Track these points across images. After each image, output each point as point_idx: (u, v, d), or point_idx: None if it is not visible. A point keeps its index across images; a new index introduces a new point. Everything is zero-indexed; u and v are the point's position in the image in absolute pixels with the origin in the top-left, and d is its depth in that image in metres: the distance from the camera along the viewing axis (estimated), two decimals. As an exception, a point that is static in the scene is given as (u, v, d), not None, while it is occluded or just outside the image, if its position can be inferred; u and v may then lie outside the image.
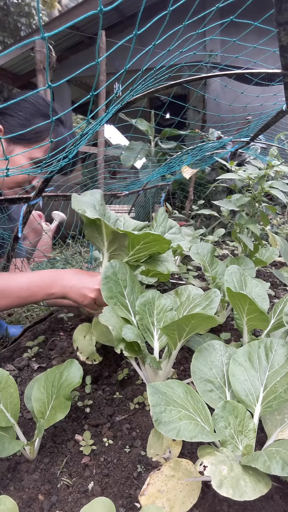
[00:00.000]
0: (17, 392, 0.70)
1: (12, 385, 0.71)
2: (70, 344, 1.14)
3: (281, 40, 0.55)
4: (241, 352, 0.73)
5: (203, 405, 0.64)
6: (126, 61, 0.58)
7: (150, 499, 0.57)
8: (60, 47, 6.39)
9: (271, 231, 2.08)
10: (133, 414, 0.82)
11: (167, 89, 0.75)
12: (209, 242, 2.07)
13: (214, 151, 1.99)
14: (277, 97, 1.14)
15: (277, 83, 0.89)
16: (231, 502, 0.59)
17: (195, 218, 3.23)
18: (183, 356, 1.05)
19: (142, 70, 0.68)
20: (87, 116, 0.67)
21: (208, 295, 0.83)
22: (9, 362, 1.06)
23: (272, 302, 1.48)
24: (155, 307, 0.87)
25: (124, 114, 3.16)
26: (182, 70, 3.85)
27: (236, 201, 1.51)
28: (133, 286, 0.87)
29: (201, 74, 0.75)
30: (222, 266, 1.32)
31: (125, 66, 0.60)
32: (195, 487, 0.57)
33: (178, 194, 3.89)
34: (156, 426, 0.54)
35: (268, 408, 0.64)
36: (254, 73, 0.72)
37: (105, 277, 0.81)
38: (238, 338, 1.14)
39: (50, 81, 0.52)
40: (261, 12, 0.68)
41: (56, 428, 0.78)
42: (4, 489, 0.64)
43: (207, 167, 3.45)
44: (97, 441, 0.74)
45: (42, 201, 1.03)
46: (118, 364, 1.03)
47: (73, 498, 0.62)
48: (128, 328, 0.73)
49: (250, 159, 1.93)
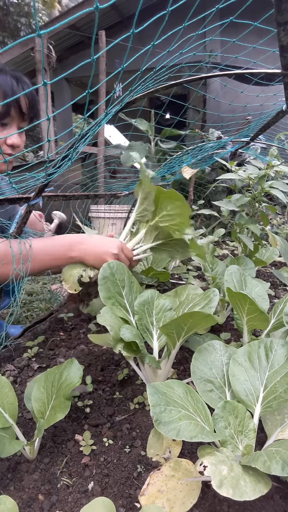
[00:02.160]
0: (13, 391, 0.70)
1: (6, 385, 0.71)
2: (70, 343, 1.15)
3: (281, 40, 0.55)
4: (241, 352, 0.73)
5: (203, 405, 0.64)
6: (127, 61, 0.58)
7: (150, 499, 0.57)
8: (60, 47, 6.40)
9: (271, 231, 2.08)
10: (133, 414, 0.82)
11: (167, 89, 0.75)
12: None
13: (214, 151, 1.99)
14: (277, 97, 1.13)
15: (277, 83, 0.89)
16: (231, 502, 0.59)
17: (195, 218, 3.23)
18: (183, 356, 1.05)
19: (142, 70, 0.68)
20: (89, 117, 0.67)
21: (207, 294, 0.83)
22: (9, 362, 1.06)
23: (272, 302, 1.48)
24: (154, 307, 0.87)
25: (124, 114, 3.16)
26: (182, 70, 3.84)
27: (236, 201, 1.51)
28: (132, 286, 0.87)
29: (201, 74, 0.75)
30: (222, 266, 1.32)
31: (124, 65, 0.60)
32: (195, 487, 0.57)
33: (178, 194, 3.88)
34: (156, 426, 0.54)
35: (268, 408, 0.64)
36: (254, 73, 0.72)
37: (103, 278, 0.81)
38: (238, 338, 1.14)
39: (50, 81, 0.51)
40: (261, 13, 0.68)
41: (56, 428, 0.78)
42: (4, 489, 0.64)
43: (207, 167, 3.45)
44: (97, 441, 0.74)
45: (42, 201, 1.03)
46: (118, 364, 1.03)
47: (73, 498, 0.62)
48: (126, 328, 0.73)
49: (250, 159, 1.93)
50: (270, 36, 0.64)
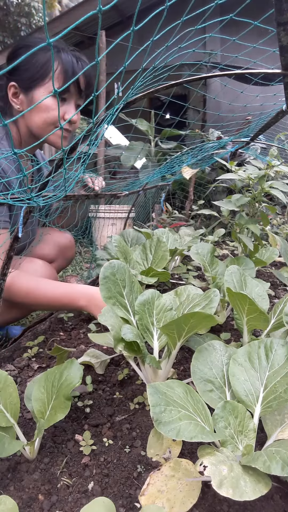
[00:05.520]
0: (17, 391, 0.70)
1: (11, 385, 0.71)
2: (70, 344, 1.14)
3: (281, 40, 0.55)
4: (241, 352, 0.73)
5: (203, 405, 0.64)
6: (126, 60, 0.58)
7: (150, 499, 0.57)
8: (60, 47, 6.38)
9: (271, 231, 2.08)
10: (133, 414, 0.82)
11: (167, 89, 0.75)
12: (209, 242, 2.07)
13: (215, 152, 1.99)
14: (277, 97, 1.14)
15: (277, 83, 0.89)
16: (231, 502, 0.59)
17: (195, 218, 3.23)
18: (183, 356, 1.05)
19: (142, 67, 0.68)
20: (88, 117, 0.67)
21: (208, 294, 0.83)
22: (9, 362, 1.06)
23: (272, 302, 1.47)
24: (154, 307, 0.87)
25: (124, 114, 3.16)
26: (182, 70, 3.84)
27: (236, 201, 1.51)
28: (132, 286, 0.87)
29: (201, 74, 0.74)
30: (222, 266, 1.32)
31: (124, 65, 0.60)
32: (195, 487, 0.57)
33: (178, 194, 3.89)
34: (156, 426, 0.54)
35: (268, 408, 0.64)
36: (254, 73, 0.72)
37: (104, 277, 0.81)
38: (238, 338, 1.14)
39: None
40: (261, 12, 0.68)
41: (56, 428, 0.78)
42: (4, 489, 0.64)
43: (207, 167, 3.45)
44: (97, 441, 0.74)
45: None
46: (118, 364, 1.03)
47: (73, 498, 0.62)
48: (127, 328, 0.73)
49: (250, 159, 1.93)
50: (270, 36, 0.64)
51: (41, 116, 1.14)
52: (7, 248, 0.92)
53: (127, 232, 1.77)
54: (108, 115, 0.73)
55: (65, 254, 1.65)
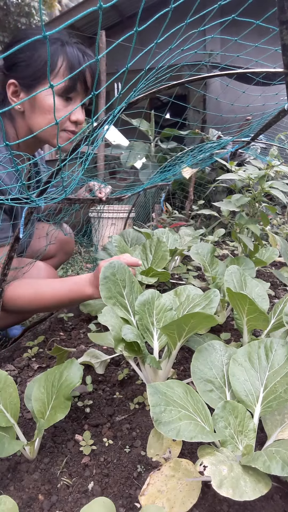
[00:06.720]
0: (17, 392, 0.70)
1: (11, 385, 0.70)
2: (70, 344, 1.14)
3: (284, 39, 0.55)
4: (241, 352, 0.73)
5: (203, 405, 0.64)
6: (127, 61, 0.58)
7: (150, 499, 0.57)
8: (60, 47, 6.38)
9: (271, 231, 2.08)
10: (133, 414, 0.82)
11: (168, 90, 0.75)
12: (209, 242, 2.07)
13: (215, 152, 1.99)
14: (279, 96, 1.14)
15: (278, 83, 0.89)
16: (231, 502, 0.59)
17: (195, 218, 3.23)
18: (183, 356, 1.05)
19: (145, 69, 0.68)
20: (87, 116, 0.67)
21: (208, 295, 0.83)
22: (9, 362, 1.06)
23: (272, 302, 1.47)
24: (154, 307, 0.87)
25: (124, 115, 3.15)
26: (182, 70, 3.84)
27: (236, 201, 1.51)
28: (132, 286, 0.87)
29: (201, 74, 0.74)
30: (222, 266, 1.32)
31: (125, 65, 0.60)
32: (195, 487, 0.57)
33: (178, 194, 3.88)
34: (156, 426, 0.54)
35: (268, 408, 0.64)
36: (256, 73, 0.72)
37: (104, 277, 0.81)
38: (238, 338, 1.14)
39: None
40: (262, 12, 0.68)
41: (56, 428, 0.78)
42: (4, 489, 0.64)
43: (207, 167, 3.45)
44: (97, 441, 0.74)
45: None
46: (118, 364, 1.03)
47: (73, 498, 0.62)
48: (127, 328, 0.73)
49: (250, 159, 1.93)
50: (271, 36, 0.64)
51: (45, 118, 1.05)
52: (8, 249, 0.92)
53: (127, 232, 1.77)
54: (110, 115, 0.73)
55: (65, 248, 1.64)
